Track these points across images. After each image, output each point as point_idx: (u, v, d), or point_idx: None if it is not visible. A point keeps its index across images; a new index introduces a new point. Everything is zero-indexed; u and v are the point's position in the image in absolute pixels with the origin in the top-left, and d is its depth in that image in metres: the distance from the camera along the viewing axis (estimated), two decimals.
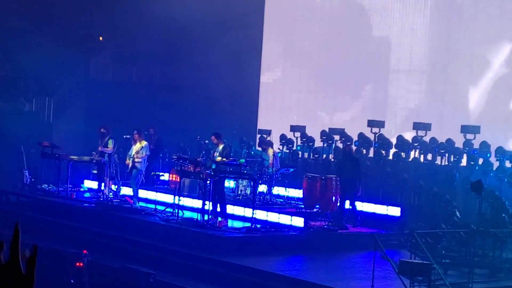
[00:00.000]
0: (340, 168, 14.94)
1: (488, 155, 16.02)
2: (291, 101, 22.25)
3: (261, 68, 22.91)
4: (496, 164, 15.59)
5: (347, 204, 14.66)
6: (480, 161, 15.90)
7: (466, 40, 18.40)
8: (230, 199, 15.35)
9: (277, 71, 22.77)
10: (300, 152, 19.22)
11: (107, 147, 16.87)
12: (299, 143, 19.41)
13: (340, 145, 18.60)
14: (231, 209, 14.73)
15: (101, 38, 24.67)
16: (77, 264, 11.74)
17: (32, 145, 18.71)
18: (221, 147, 14.65)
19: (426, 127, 17.68)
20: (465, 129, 16.91)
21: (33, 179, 18.41)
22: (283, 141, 19.30)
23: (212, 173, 14.10)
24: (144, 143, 15.86)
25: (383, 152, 17.62)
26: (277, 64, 22.77)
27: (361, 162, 15.42)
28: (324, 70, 21.37)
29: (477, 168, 15.81)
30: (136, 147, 15.81)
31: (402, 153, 17.34)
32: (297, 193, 16.36)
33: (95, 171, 17.41)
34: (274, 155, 16.52)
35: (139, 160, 15.70)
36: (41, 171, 18.24)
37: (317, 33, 21.51)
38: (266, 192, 16.21)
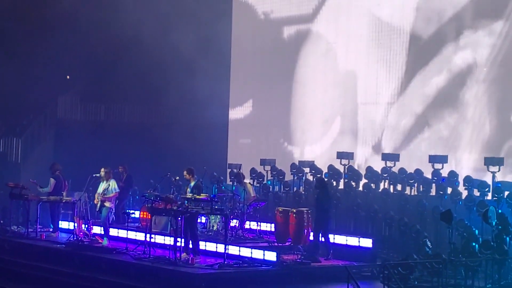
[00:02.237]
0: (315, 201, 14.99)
1: (457, 184, 16.21)
2: (261, 135, 22.34)
3: (230, 103, 23.02)
4: (464, 193, 15.76)
5: (320, 237, 14.65)
6: (449, 190, 16.06)
7: (430, 72, 18.70)
8: (202, 235, 15.28)
9: (247, 106, 22.90)
10: (270, 186, 19.26)
11: (46, 187, 16.91)
12: (269, 176, 19.45)
13: (310, 178, 18.71)
14: (203, 245, 14.65)
15: (68, 77, 24.58)
16: None
17: (0, 186, 18.43)
18: (192, 183, 14.67)
19: (395, 157, 17.88)
20: (433, 159, 17.12)
21: (1, 221, 18.14)
22: (254, 175, 19.34)
23: (183, 210, 14.05)
24: (112, 181, 15.78)
25: (353, 183, 17.73)
26: (246, 99, 22.89)
27: (331, 194, 15.39)
28: (292, 103, 21.55)
29: (446, 197, 15.96)
30: (103, 185, 15.73)
31: (372, 184, 17.47)
32: (269, 227, 16.33)
33: (69, 212, 17.27)
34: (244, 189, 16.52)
35: (108, 198, 15.61)
36: (10, 213, 18.01)
37: (285, 67, 21.72)
38: (238, 226, 16.17)
